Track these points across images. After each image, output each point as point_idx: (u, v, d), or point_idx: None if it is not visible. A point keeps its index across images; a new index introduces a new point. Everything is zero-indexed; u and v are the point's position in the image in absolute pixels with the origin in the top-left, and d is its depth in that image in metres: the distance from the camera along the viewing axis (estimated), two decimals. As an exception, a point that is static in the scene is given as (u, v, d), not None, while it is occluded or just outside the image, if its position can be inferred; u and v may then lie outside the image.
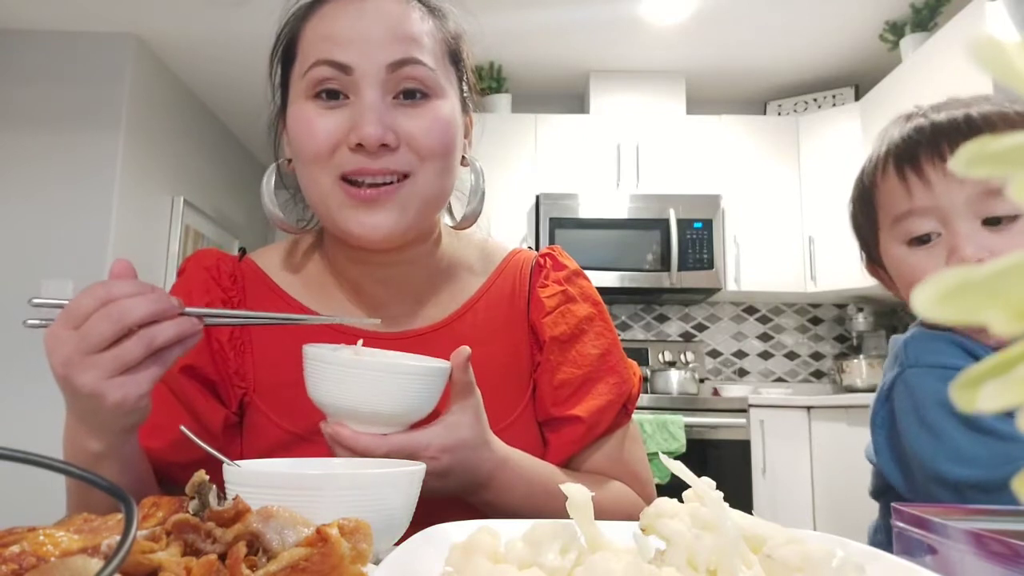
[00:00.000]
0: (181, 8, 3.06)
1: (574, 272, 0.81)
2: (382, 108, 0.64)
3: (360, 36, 0.64)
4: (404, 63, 0.65)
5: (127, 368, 0.50)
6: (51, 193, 3.12)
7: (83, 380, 0.49)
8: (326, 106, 0.65)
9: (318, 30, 0.67)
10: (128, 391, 0.50)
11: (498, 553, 0.34)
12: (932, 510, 0.41)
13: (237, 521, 0.36)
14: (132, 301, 0.50)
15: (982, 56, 0.14)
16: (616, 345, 0.78)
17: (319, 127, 0.64)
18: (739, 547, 0.33)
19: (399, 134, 0.64)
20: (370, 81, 0.64)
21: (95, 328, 0.49)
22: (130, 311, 0.49)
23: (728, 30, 3.28)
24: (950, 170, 0.68)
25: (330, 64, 0.64)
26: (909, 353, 0.73)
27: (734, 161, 3.52)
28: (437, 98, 0.67)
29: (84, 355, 0.49)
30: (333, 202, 0.65)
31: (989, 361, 0.14)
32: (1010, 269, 0.14)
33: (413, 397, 0.58)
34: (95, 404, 0.51)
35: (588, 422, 0.72)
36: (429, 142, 0.65)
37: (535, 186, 3.49)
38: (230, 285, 0.74)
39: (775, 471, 2.94)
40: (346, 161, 0.64)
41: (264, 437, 0.70)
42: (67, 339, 0.49)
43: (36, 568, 0.29)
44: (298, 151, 0.67)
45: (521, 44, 3.41)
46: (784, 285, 3.44)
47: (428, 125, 0.65)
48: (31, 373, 2.95)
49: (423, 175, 0.66)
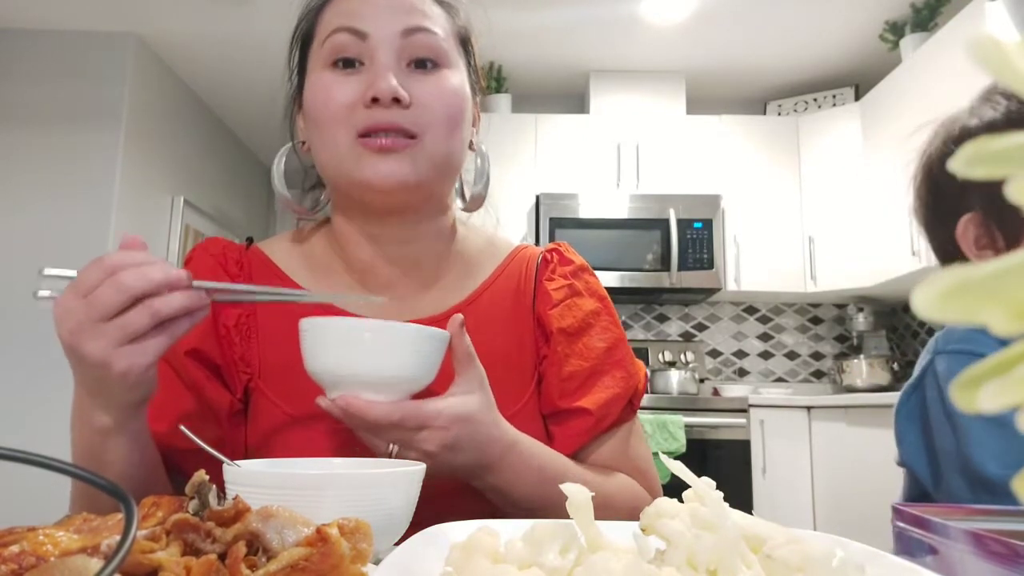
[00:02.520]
0: (181, 8, 3.06)
1: (580, 267, 0.82)
2: (396, 69, 0.68)
3: (376, 7, 0.69)
4: (417, 30, 0.69)
5: (134, 338, 0.51)
6: (51, 193, 3.12)
7: (90, 348, 0.50)
8: (343, 73, 0.69)
9: (337, 7, 0.71)
10: (134, 360, 0.51)
11: (498, 553, 0.34)
12: (932, 510, 0.41)
13: (237, 521, 0.36)
14: (139, 271, 0.50)
15: (982, 56, 0.14)
16: (622, 340, 0.79)
17: (337, 90, 0.68)
18: (739, 547, 0.33)
19: (412, 95, 0.67)
20: (385, 46, 0.68)
21: (102, 297, 0.49)
22: (137, 280, 0.50)
23: (728, 30, 3.28)
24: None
25: (348, 31, 0.68)
26: (939, 340, 0.72)
27: (734, 161, 3.52)
28: (447, 68, 0.70)
29: (92, 324, 0.50)
30: (350, 157, 0.67)
31: (989, 361, 0.14)
32: (1010, 269, 0.14)
33: (415, 360, 0.58)
34: (102, 373, 0.51)
35: (596, 415, 0.73)
36: (438, 105, 0.68)
37: (535, 186, 3.49)
38: (236, 272, 0.75)
39: (775, 471, 2.93)
40: (361, 118, 0.66)
41: (269, 423, 0.71)
42: (75, 308, 0.50)
43: (36, 568, 0.29)
44: (316, 116, 0.69)
45: (521, 44, 3.41)
46: (784, 285, 3.44)
47: (438, 90, 0.69)
48: (31, 372, 2.96)
49: (431, 136, 0.68)
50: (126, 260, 0.51)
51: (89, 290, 0.50)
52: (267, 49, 3.30)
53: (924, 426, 0.72)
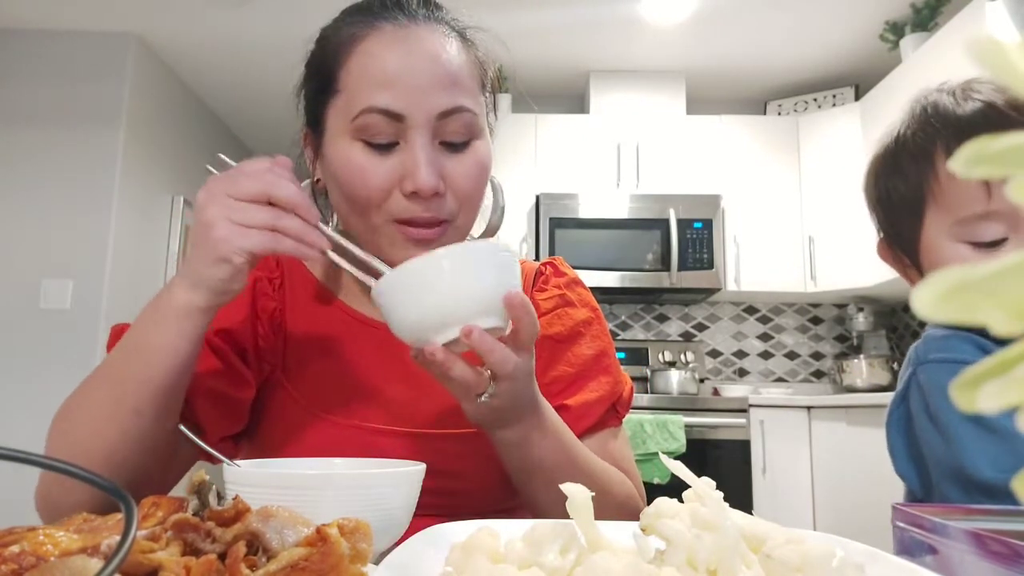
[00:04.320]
0: (181, 8, 3.06)
1: (573, 280, 0.84)
2: (432, 155, 0.65)
3: (410, 81, 0.64)
4: (453, 111, 0.66)
5: (246, 223, 0.55)
6: (51, 193, 3.12)
7: (210, 211, 0.55)
8: (377, 152, 0.65)
9: (367, 69, 0.66)
10: (233, 235, 0.55)
11: (498, 553, 0.34)
12: (932, 510, 0.41)
13: (237, 521, 0.36)
14: (286, 182, 0.57)
15: (982, 56, 0.14)
16: (611, 350, 0.80)
17: (372, 174, 0.65)
18: (739, 547, 0.33)
19: (445, 179, 0.66)
20: (421, 130, 0.64)
21: (244, 182, 0.56)
22: (279, 186, 0.56)
23: (728, 30, 3.28)
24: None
25: (382, 113, 0.64)
26: (920, 350, 0.72)
27: (734, 161, 3.52)
28: (477, 139, 0.69)
29: (223, 196, 0.56)
30: (385, 240, 0.67)
31: (989, 361, 0.14)
32: (1010, 269, 0.14)
33: (504, 273, 0.55)
34: (205, 234, 0.55)
35: (576, 412, 0.73)
36: (470, 186, 0.68)
37: (535, 186, 3.49)
38: (274, 266, 0.77)
39: (775, 471, 2.93)
40: (401, 208, 0.65)
41: (287, 417, 0.71)
42: (220, 183, 0.57)
43: (36, 568, 0.29)
44: (348, 194, 0.67)
45: (521, 44, 3.41)
46: (784, 285, 3.44)
47: (470, 171, 0.68)
48: (32, 371, 2.96)
49: (463, 217, 0.69)
50: (281, 171, 0.57)
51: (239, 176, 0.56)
52: (267, 49, 3.30)
53: (911, 439, 0.72)
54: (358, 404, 0.72)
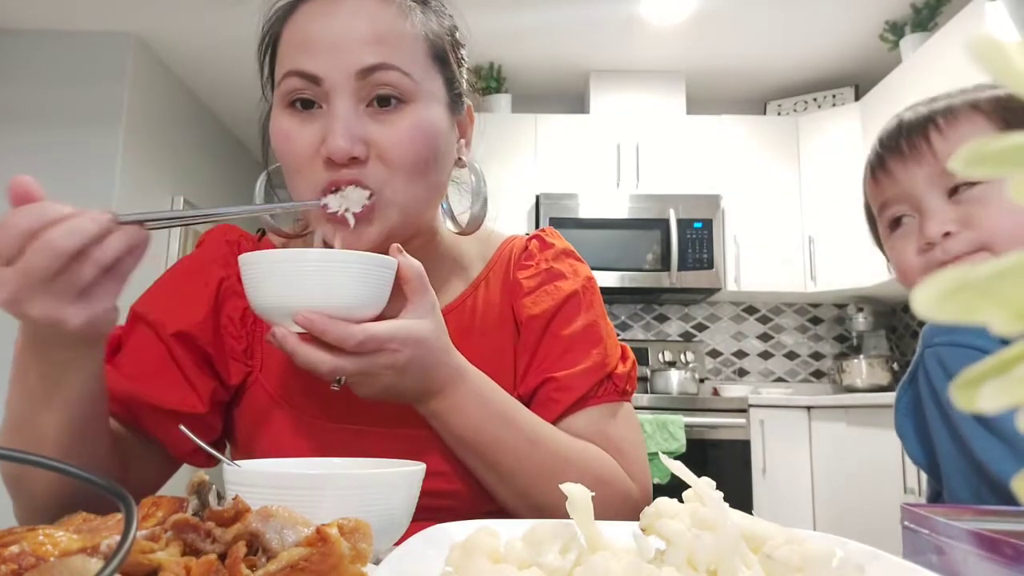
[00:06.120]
0: (181, 8, 3.06)
1: (563, 251, 0.80)
2: (352, 118, 0.62)
3: (329, 42, 0.62)
4: (375, 69, 0.62)
5: (83, 291, 0.48)
6: (51, 193, 3.06)
7: (37, 312, 0.47)
8: (301, 117, 0.64)
9: (293, 34, 0.65)
10: (93, 312, 0.49)
11: (498, 553, 0.34)
12: (939, 511, 0.41)
13: (237, 521, 0.36)
14: (67, 227, 0.47)
15: (982, 56, 0.14)
16: (602, 320, 0.76)
17: (295, 140, 0.64)
18: (739, 547, 0.33)
19: (370, 144, 0.63)
20: (340, 91, 0.62)
21: (34, 264, 0.46)
22: (70, 239, 0.46)
23: (728, 30, 3.28)
24: (908, 157, 0.73)
25: (299, 75, 0.63)
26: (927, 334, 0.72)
27: (734, 161, 3.52)
28: (414, 103, 0.65)
29: (30, 290, 0.46)
30: (313, 216, 0.65)
31: (989, 361, 0.14)
32: (1009, 269, 0.14)
33: (364, 287, 0.57)
34: (57, 329, 0.49)
35: (561, 382, 0.70)
36: (399, 152, 0.63)
37: (535, 186, 3.49)
38: None
39: (775, 471, 2.94)
40: (320, 177, 0.63)
41: (267, 417, 0.71)
42: (6, 277, 0.46)
43: (36, 568, 0.29)
44: (283, 165, 0.67)
45: (521, 44, 3.41)
46: (784, 285, 3.45)
47: (400, 135, 0.63)
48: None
49: (391, 188, 0.64)
50: (44, 218, 0.47)
51: (12, 257, 0.46)
52: (267, 49, 3.30)
53: (919, 421, 0.72)
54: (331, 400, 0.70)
